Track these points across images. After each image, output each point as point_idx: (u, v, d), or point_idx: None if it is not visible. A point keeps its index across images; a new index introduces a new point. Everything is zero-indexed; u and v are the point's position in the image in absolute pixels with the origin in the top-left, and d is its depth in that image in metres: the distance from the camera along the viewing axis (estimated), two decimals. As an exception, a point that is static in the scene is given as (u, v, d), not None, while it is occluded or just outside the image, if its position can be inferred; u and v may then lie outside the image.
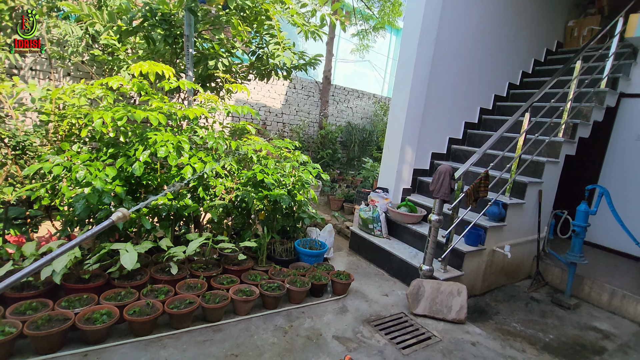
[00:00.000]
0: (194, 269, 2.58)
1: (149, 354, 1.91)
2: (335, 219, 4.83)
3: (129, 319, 1.99)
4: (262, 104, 7.11)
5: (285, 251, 3.18)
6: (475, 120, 4.86)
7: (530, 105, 3.42)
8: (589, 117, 3.97)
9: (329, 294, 2.85)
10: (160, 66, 2.71)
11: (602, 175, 4.58)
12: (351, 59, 9.77)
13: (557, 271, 3.77)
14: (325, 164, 7.20)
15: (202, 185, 2.79)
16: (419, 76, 3.91)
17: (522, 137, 3.46)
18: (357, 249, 3.89)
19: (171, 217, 2.74)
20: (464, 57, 4.37)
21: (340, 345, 2.21)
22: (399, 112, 4.02)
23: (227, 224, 3.21)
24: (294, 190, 3.16)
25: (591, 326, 3.05)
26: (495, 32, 4.67)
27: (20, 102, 4.30)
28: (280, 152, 3.46)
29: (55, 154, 2.45)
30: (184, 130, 2.84)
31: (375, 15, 8.19)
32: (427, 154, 4.39)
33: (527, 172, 3.74)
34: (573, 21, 5.86)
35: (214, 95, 3.14)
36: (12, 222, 2.68)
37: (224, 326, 2.24)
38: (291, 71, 3.94)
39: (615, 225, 3.52)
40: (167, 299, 2.18)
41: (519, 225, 3.62)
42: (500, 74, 5.04)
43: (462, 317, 2.64)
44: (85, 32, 4.05)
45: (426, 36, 3.84)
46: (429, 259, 2.88)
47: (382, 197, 3.96)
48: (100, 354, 1.87)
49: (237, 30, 3.23)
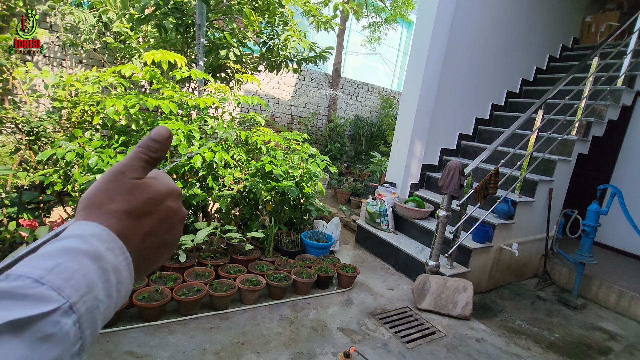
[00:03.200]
0: (202, 257, 2.62)
1: (158, 339, 1.95)
2: (342, 212, 4.83)
3: (138, 304, 2.03)
4: (271, 95, 7.10)
5: (291, 243, 3.20)
6: (487, 117, 4.80)
7: (544, 102, 3.36)
8: (604, 116, 3.89)
9: (334, 286, 2.86)
10: (172, 55, 2.72)
11: (614, 175, 4.51)
12: (361, 52, 9.67)
13: (564, 270, 3.74)
14: (333, 157, 7.19)
15: (211, 175, 2.81)
16: (430, 70, 3.86)
17: (534, 135, 3.41)
18: (364, 242, 3.90)
19: (180, 205, 2.76)
20: (477, 51, 4.30)
21: (345, 336, 2.23)
22: (409, 106, 3.98)
23: (235, 214, 3.23)
24: (301, 182, 3.16)
25: (597, 326, 3.03)
26: (510, 26, 4.58)
27: (33, 89, 4.35)
28: (289, 144, 3.46)
29: (68, 140, 2.48)
30: (194, 119, 2.85)
31: (387, 8, 8.08)
32: (437, 150, 4.36)
33: (537, 170, 3.69)
34: (591, 17, 5.72)
35: (224, 86, 3.15)
36: (25, 207, 2.73)
37: (231, 314, 2.27)
38: (301, 63, 3.92)
39: (626, 226, 3.47)
40: (175, 286, 2.22)
41: (527, 224, 3.59)
42: (514, 70, 4.95)
43: (468, 314, 2.64)
44: (98, 20, 4.07)
45: (439, 29, 3.79)
46: (435, 255, 2.87)
47: (390, 191, 3.95)
48: (110, 337, 1.91)
49: (249, 20, 3.22)
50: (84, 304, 0.28)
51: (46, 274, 0.27)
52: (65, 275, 0.28)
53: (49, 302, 0.26)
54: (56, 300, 0.26)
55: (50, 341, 0.25)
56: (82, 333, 0.28)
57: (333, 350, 2.08)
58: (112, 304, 0.32)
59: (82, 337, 0.28)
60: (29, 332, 0.25)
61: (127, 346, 1.87)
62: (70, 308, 0.27)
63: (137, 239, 0.35)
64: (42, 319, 0.25)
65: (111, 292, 0.31)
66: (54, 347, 0.25)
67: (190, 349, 1.91)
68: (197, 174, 2.84)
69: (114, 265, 0.32)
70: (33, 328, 0.25)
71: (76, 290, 0.28)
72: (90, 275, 0.29)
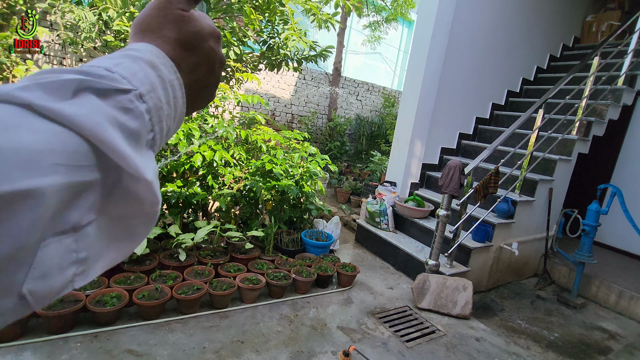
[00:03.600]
0: (202, 256, 2.62)
1: (157, 337, 1.95)
2: (342, 212, 4.83)
3: (138, 302, 2.03)
4: (272, 94, 7.10)
5: (291, 242, 3.20)
6: (487, 116, 4.79)
7: (544, 101, 3.36)
8: (604, 115, 3.89)
9: (334, 285, 2.86)
10: (172, 53, 2.71)
11: (615, 174, 4.51)
12: (362, 51, 9.66)
13: (564, 270, 3.74)
14: (333, 156, 7.19)
15: (211, 174, 2.81)
16: (431, 69, 3.86)
17: (534, 134, 3.41)
18: (363, 241, 3.90)
19: (180, 204, 2.77)
20: (478, 50, 4.30)
21: (344, 335, 2.23)
22: (409, 105, 3.98)
23: (235, 213, 3.23)
24: (301, 181, 3.16)
25: (597, 326, 3.03)
26: (511, 25, 4.57)
27: (33, 87, 4.34)
28: (289, 143, 3.46)
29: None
30: (194, 118, 2.85)
31: (388, 7, 8.07)
32: (437, 149, 4.36)
33: (538, 169, 3.69)
34: (592, 16, 5.71)
35: (224, 84, 3.14)
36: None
37: (231, 313, 2.27)
38: (301, 62, 3.91)
39: (627, 226, 3.47)
40: (175, 285, 2.22)
41: (527, 223, 3.59)
42: (514, 69, 4.95)
43: (467, 313, 2.64)
44: (98, 18, 4.06)
45: (440, 28, 3.78)
46: (435, 254, 2.87)
47: (390, 190, 3.95)
48: (110, 335, 1.91)
49: (250, 19, 3.21)
50: (151, 99, 0.28)
51: (114, 67, 0.27)
52: (130, 71, 0.28)
53: (122, 84, 0.26)
54: (128, 85, 0.27)
55: (129, 114, 0.26)
56: (153, 126, 0.29)
57: (333, 349, 2.08)
58: (172, 114, 0.32)
59: (153, 131, 0.29)
60: (110, 99, 0.25)
61: (127, 344, 1.87)
62: (140, 97, 0.27)
63: (185, 71, 0.35)
64: (120, 94, 0.26)
65: (169, 100, 0.31)
66: (134, 120, 0.26)
67: (190, 348, 1.91)
68: (197, 173, 2.84)
69: (170, 79, 0.32)
70: (114, 97, 0.25)
71: (142, 85, 0.28)
72: (151, 78, 0.29)
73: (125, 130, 0.25)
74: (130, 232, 0.29)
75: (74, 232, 0.23)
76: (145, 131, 0.28)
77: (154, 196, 0.28)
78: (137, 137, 0.27)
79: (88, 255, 0.24)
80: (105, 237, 0.26)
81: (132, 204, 0.27)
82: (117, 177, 0.25)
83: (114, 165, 0.24)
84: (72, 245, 0.23)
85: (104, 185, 0.24)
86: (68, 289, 0.24)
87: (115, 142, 0.24)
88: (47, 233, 0.21)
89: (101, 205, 0.24)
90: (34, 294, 0.21)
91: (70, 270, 0.23)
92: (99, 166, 0.23)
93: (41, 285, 0.21)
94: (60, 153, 0.21)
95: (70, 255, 0.23)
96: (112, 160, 0.24)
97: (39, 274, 0.21)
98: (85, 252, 0.24)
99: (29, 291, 0.21)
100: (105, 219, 0.25)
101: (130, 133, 0.26)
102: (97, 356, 1.76)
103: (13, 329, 1.76)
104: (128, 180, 0.25)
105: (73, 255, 0.23)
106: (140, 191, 0.27)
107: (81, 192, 0.23)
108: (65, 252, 0.23)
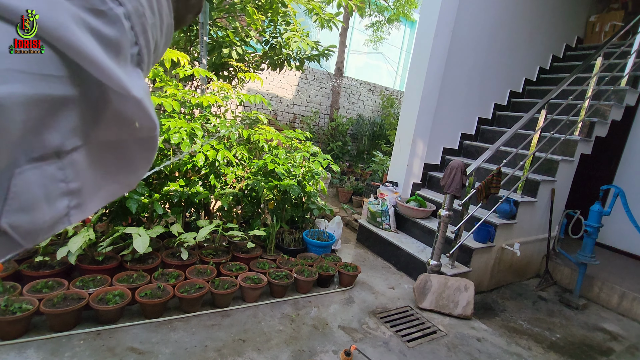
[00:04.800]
0: (203, 255, 2.63)
1: (159, 335, 1.96)
2: (344, 211, 4.84)
3: (140, 301, 2.04)
4: (274, 94, 7.11)
5: (293, 241, 3.21)
6: (489, 116, 4.78)
7: (547, 102, 3.35)
8: (607, 116, 3.87)
9: (335, 284, 2.87)
10: (175, 53, 2.72)
11: (617, 175, 4.49)
12: (364, 51, 9.66)
13: (566, 271, 3.73)
14: (335, 156, 7.19)
15: (213, 173, 2.82)
16: (433, 69, 3.85)
17: (536, 135, 3.40)
18: (365, 241, 3.90)
19: (182, 203, 2.78)
20: (480, 51, 4.29)
21: (345, 335, 2.23)
22: (411, 105, 3.98)
23: (237, 212, 3.24)
24: (303, 181, 3.17)
25: (599, 327, 3.02)
26: (514, 26, 4.56)
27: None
28: (291, 143, 3.47)
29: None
30: (197, 117, 2.86)
31: (390, 7, 8.06)
32: (439, 149, 4.35)
33: (540, 170, 3.68)
34: (595, 16, 5.69)
35: (227, 84, 3.15)
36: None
37: (232, 312, 2.28)
38: (304, 61, 3.92)
39: (629, 227, 3.46)
40: (177, 283, 2.23)
41: (529, 224, 3.58)
42: (517, 70, 4.94)
43: (469, 313, 2.64)
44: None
45: (443, 28, 3.78)
46: (437, 254, 2.87)
47: (392, 190, 3.95)
48: (112, 333, 1.92)
49: (252, 19, 3.22)
50: (129, 1, 0.23)
51: None
52: None
53: None
54: None
55: (102, 17, 0.22)
56: (136, 37, 0.24)
57: (334, 348, 2.08)
58: (157, 24, 0.27)
59: (138, 43, 0.24)
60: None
61: (130, 342, 1.88)
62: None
63: None
64: None
65: (152, 5, 0.26)
66: (109, 26, 0.22)
67: (192, 346, 1.92)
68: (200, 172, 2.84)
69: None
70: None
71: None
72: None
73: (100, 37, 0.21)
74: (128, 161, 0.25)
75: (58, 159, 0.20)
76: (127, 42, 0.23)
77: (147, 118, 0.25)
78: (118, 48, 0.22)
79: (81, 186, 0.22)
80: (99, 166, 0.23)
81: (124, 127, 0.24)
82: (101, 95, 0.22)
83: (94, 81, 0.21)
84: (58, 174, 0.20)
85: (86, 104, 0.21)
86: (64, 224, 0.21)
87: (86, 48, 0.20)
88: (20, 158, 0.18)
89: (87, 128, 0.21)
90: (17, 229, 0.19)
91: (62, 203, 0.21)
92: (72, 79, 0.20)
93: (25, 219, 0.19)
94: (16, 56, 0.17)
95: (57, 185, 0.20)
96: (89, 73, 0.20)
97: (18, 205, 0.18)
98: (76, 182, 0.21)
99: (9, 225, 0.18)
100: (96, 146, 0.22)
101: (108, 42, 0.22)
102: (99, 354, 1.77)
103: (16, 327, 1.78)
104: (115, 99, 0.22)
105: (61, 185, 0.21)
106: (130, 111, 0.23)
107: (56, 110, 0.19)
108: (50, 182, 0.20)
